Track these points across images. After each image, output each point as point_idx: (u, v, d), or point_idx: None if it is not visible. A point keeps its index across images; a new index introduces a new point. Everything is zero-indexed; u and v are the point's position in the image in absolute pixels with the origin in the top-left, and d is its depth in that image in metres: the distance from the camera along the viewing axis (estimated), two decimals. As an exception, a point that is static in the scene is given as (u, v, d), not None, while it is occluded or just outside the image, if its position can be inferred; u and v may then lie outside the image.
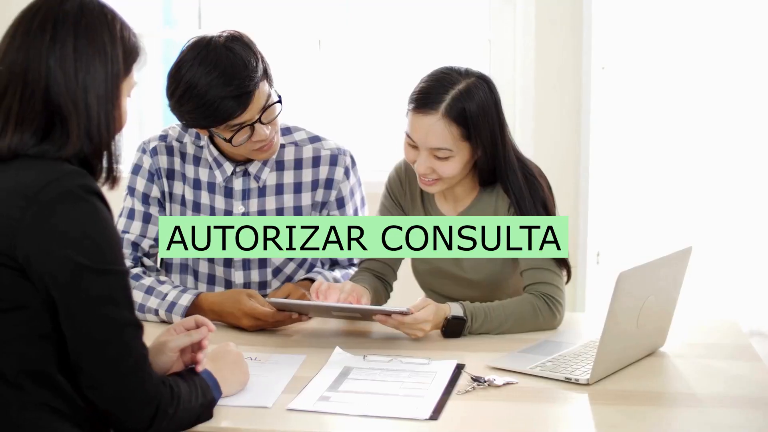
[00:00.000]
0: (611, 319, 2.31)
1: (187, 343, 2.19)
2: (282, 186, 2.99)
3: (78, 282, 1.88)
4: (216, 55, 2.71)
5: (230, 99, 2.69)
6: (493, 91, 2.76)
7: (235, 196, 2.97)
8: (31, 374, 1.90)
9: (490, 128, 2.74)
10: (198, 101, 2.70)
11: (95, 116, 1.97)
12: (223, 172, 2.95)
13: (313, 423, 2.15)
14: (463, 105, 2.70)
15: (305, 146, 3.02)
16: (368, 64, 4.94)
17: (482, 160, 2.79)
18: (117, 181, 2.05)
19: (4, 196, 1.90)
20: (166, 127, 3.03)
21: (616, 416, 2.18)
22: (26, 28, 1.97)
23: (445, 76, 2.74)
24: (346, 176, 3.03)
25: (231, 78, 2.69)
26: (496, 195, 2.87)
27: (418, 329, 2.64)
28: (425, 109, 2.72)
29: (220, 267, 3.01)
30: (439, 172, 2.76)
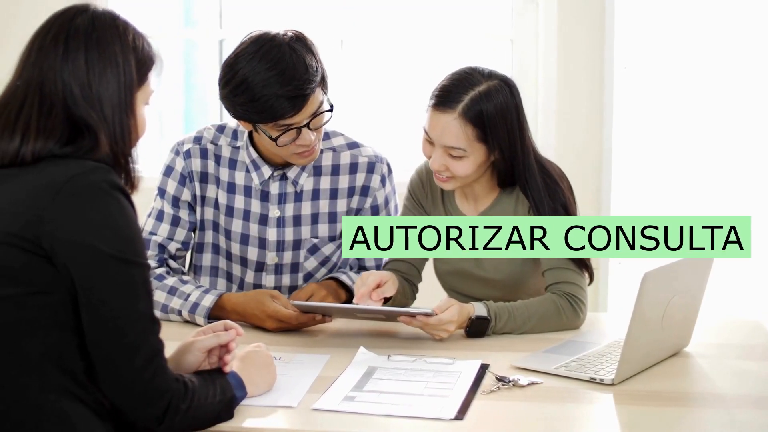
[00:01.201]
0: (636, 319, 2.31)
1: (214, 344, 2.21)
2: (318, 191, 2.99)
3: (99, 270, 1.92)
4: (279, 52, 2.70)
5: (285, 99, 2.69)
6: (514, 95, 2.76)
7: (272, 200, 2.97)
8: (53, 359, 1.93)
9: (508, 132, 2.74)
10: (252, 96, 2.70)
11: (112, 125, 2.01)
12: (260, 174, 2.95)
13: (338, 423, 2.15)
14: (481, 107, 2.71)
15: (343, 152, 3.02)
16: (390, 64, 4.94)
17: (500, 162, 2.79)
18: (136, 187, 2.08)
19: (32, 188, 1.94)
20: (201, 129, 3.02)
21: (642, 417, 2.18)
22: (40, 43, 2.03)
23: (467, 76, 2.75)
24: (382, 184, 3.03)
25: (290, 78, 2.69)
26: (516, 195, 2.87)
27: (443, 330, 2.64)
28: (443, 107, 2.73)
29: (251, 271, 3.02)
30: (453, 170, 2.77)
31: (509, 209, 2.88)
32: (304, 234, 2.99)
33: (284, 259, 3.00)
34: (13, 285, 1.91)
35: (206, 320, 2.81)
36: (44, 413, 1.92)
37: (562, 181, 2.86)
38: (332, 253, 3.04)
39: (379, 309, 2.71)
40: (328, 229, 3.02)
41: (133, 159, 2.07)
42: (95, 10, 2.05)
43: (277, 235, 2.97)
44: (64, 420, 1.93)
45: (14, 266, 1.91)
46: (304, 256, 3.01)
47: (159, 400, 1.97)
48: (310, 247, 3.00)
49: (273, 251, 2.99)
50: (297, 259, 3.01)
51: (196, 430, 2.06)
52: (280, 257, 3.00)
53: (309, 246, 3.00)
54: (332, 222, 3.01)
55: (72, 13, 2.04)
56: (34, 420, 1.92)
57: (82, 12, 2.04)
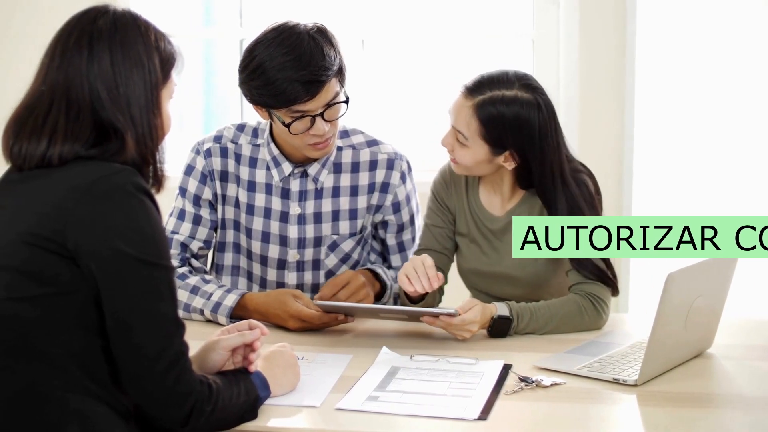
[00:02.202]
0: (660, 320, 2.31)
1: (238, 343, 2.21)
2: (339, 189, 3.00)
3: (123, 272, 1.92)
4: (298, 39, 2.73)
5: (299, 83, 2.70)
6: (540, 114, 2.75)
7: (292, 198, 2.97)
8: (77, 360, 1.94)
9: (523, 144, 2.75)
10: (267, 79, 2.72)
11: (140, 126, 2.02)
12: (280, 171, 2.96)
13: (361, 423, 2.15)
14: (497, 110, 2.72)
15: (362, 150, 3.02)
16: (411, 63, 4.94)
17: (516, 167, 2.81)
18: (163, 186, 2.09)
19: (57, 189, 1.95)
20: (221, 128, 3.03)
21: (665, 418, 2.17)
22: (63, 47, 2.03)
23: (503, 77, 2.76)
24: (402, 181, 3.04)
25: (306, 63, 2.71)
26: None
27: (466, 330, 2.64)
28: (467, 92, 2.77)
29: (273, 270, 3.02)
30: (455, 153, 2.82)
31: (536, 209, 2.89)
32: (325, 231, 3.00)
33: (305, 256, 3.01)
34: (38, 285, 1.92)
35: (228, 320, 2.81)
36: (68, 413, 1.93)
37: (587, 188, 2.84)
38: (352, 250, 3.04)
39: (401, 309, 2.71)
40: (349, 226, 3.02)
41: (161, 158, 2.08)
42: (116, 11, 2.06)
43: (298, 233, 2.98)
44: (87, 420, 1.94)
45: (39, 267, 1.92)
46: (325, 252, 3.02)
47: (183, 403, 1.97)
48: (330, 244, 3.01)
49: (294, 248, 2.99)
50: (318, 255, 3.02)
51: (220, 430, 2.06)
52: (302, 254, 3.00)
53: (329, 243, 3.01)
54: (353, 219, 3.02)
55: (93, 15, 2.04)
56: (57, 420, 1.92)
57: (103, 13, 2.04)
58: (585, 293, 2.79)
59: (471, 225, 2.95)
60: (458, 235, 2.99)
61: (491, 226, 2.93)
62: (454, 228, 2.99)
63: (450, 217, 2.99)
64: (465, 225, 2.96)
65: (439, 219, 2.99)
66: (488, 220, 2.93)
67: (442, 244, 2.99)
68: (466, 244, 2.97)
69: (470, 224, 2.95)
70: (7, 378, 1.92)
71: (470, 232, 2.96)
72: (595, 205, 2.84)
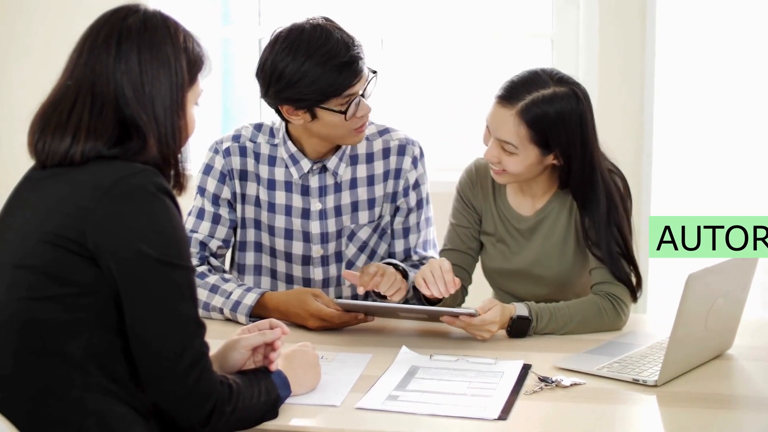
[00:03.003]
0: (680, 321, 2.30)
1: (259, 342, 2.21)
2: (356, 180, 3.01)
3: (144, 273, 1.92)
4: (321, 31, 2.77)
5: (347, 67, 2.76)
6: (581, 104, 2.75)
7: (312, 194, 2.98)
8: (97, 360, 1.94)
9: (567, 139, 2.74)
10: (314, 77, 2.74)
11: (163, 126, 2.02)
12: (299, 169, 2.96)
13: (381, 422, 2.16)
14: (541, 110, 2.70)
15: (375, 140, 3.04)
16: (430, 63, 4.94)
17: (559, 166, 2.80)
18: (184, 188, 2.10)
19: (78, 188, 1.95)
20: (239, 127, 3.04)
21: (685, 419, 2.17)
22: (92, 43, 2.03)
23: (536, 77, 2.76)
24: (413, 165, 3.05)
25: (344, 46, 2.75)
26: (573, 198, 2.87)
27: (486, 330, 2.64)
28: (504, 102, 2.75)
29: (299, 266, 3.03)
30: (504, 164, 2.78)
31: (565, 208, 2.89)
32: (345, 222, 3.01)
33: (329, 250, 3.02)
34: (58, 285, 1.92)
35: (248, 318, 2.82)
36: (87, 413, 1.93)
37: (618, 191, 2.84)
38: (369, 238, 3.05)
39: (421, 309, 2.72)
40: (368, 215, 3.03)
41: (183, 159, 2.08)
42: (146, 11, 2.06)
43: (320, 228, 2.99)
44: (106, 420, 1.94)
45: (59, 266, 1.92)
46: (345, 243, 3.03)
47: (204, 404, 1.97)
48: (349, 234, 3.02)
49: (317, 244, 3.00)
50: (340, 248, 3.03)
51: (240, 430, 2.07)
52: (325, 249, 3.01)
53: (348, 233, 3.02)
54: (371, 208, 3.03)
55: (123, 14, 2.04)
56: (76, 419, 1.92)
57: (134, 12, 2.05)
58: (605, 294, 2.79)
59: (498, 224, 2.95)
60: (484, 235, 2.99)
61: (519, 225, 2.93)
62: (480, 228, 2.99)
63: (476, 216, 2.99)
64: (492, 224, 2.96)
65: (464, 219, 2.99)
66: (516, 220, 2.93)
67: (467, 243, 2.99)
68: (492, 243, 2.97)
69: (497, 224, 2.95)
70: (28, 377, 1.92)
71: (497, 232, 2.96)
72: (626, 208, 2.84)
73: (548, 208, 2.90)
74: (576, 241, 2.88)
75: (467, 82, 4.89)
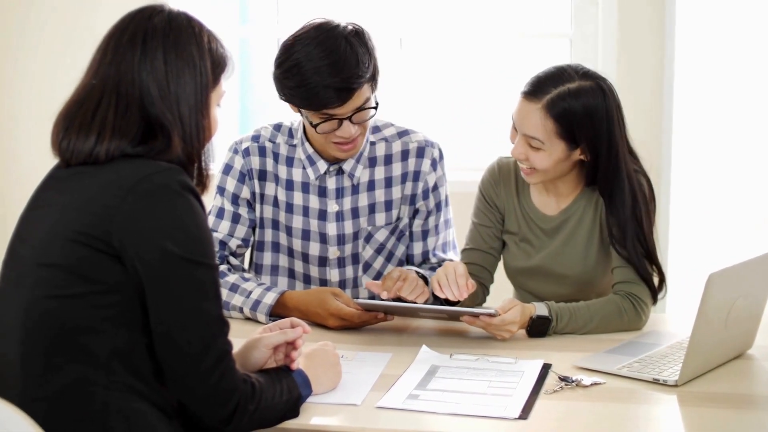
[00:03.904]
0: (700, 321, 2.30)
1: (280, 341, 2.22)
2: (374, 182, 3.01)
3: (168, 270, 1.93)
4: (335, 43, 2.74)
5: (331, 90, 2.72)
6: (607, 99, 2.75)
7: (329, 195, 2.99)
8: (121, 358, 1.94)
9: (594, 134, 2.73)
10: (300, 81, 2.74)
11: (188, 126, 2.03)
12: (316, 170, 2.97)
13: (402, 421, 2.16)
14: (567, 104, 2.70)
15: (394, 141, 3.04)
16: (449, 62, 4.94)
17: (587, 162, 2.80)
18: (207, 187, 2.10)
19: (103, 186, 1.96)
20: (258, 128, 3.05)
21: (706, 418, 2.17)
22: (117, 43, 2.04)
23: (562, 72, 2.75)
24: (432, 168, 3.05)
25: (340, 70, 2.72)
26: (598, 194, 2.87)
27: (506, 330, 2.65)
28: (530, 96, 2.74)
29: (315, 266, 3.03)
30: (531, 160, 2.78)
31: (590, 208, 2.89)
32: (362, 224, 3.02)
33: (345, 251, 3.02)
34: (83, 283, 1.93)
35: (268, 318, 2.83)
36: (111, 411, 1.93)
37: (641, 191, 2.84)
38: (386, 240, 3.06)
39: (441, 309, 2.72)
40: (384, 217, 3.03)
41: (206, 158, 2.09)
42: (171, 11, 2.07)
43: (336, 230, 2.99)
44: (130, 418, 1.94)
45: (84, 264, 1.93)
46: (362, 245, 3.03)
47: (227, 402, 1.98)
48: (366, 236, 3.02)
49: (334, 245, 3.00)
50: (356, 249, 3.04)
51: (262, 428, 2.07)
52: (342, 251, 3.01)
53: (365, 235, 3.02)
54: (388, 210, 3.03)
55: (148, 13, 2.06)
56: (100, 417, 1.93)
57: (159, 12, 2.06)
58: (626, 293, 2.79)
59: (522, 224, 2.95)
60: (507, 234, 2.99)
61: (543, 225, 2.93)
62: (502, 227, 2.99)
63: (498, 216, 2.99)
64: (515, 223, 2.96)
65: (486, 218, 2.99)
66: (540, 220, 2.93)
67: (489, 243, 2.99)
68: (515, 242, 2.97)
69: (521, 223, 2.95)
70: (52, 375, 1.93)
71: (520, 231, 2.96)
72: (649, 210, 2.84)
73: (573, 208, 2.90)
74: (600, 240, 2.88)
75: (486, 82, 4.89)
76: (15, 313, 1.96)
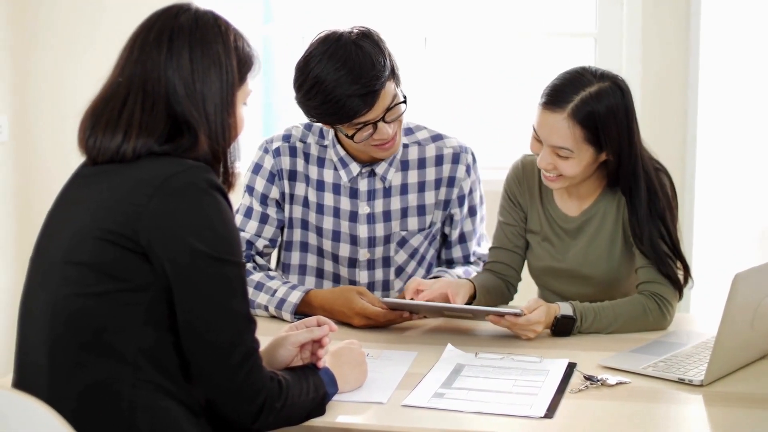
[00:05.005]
0: (726, 321, 2.30)
1: (307, 339, 2.23)
2: (407, 186, 3.01)
3: (195, 268, 1.94)
4: (345, 52, 2.73)
5: (356, 98, 2.72)
6: (625, 97, 2.74)
7: (361, 197, 2.99)
8: (148, 355, 1.95)
9: (617, 134, 2.73)
10: (324, 97, 2.73)
11: (214, 124, 2.03)
12: (348, 172, 2.97)
13: (428, 419, 2.16)
14: (591, 108, 2.70)
15: (428, 145, 3.04)
16: (473, 61, 4.94)
17: (610, 162, 2.79)
18: (233, 185, 2.11)
19: (131, 185, 1.96)
20: (289, 127, 3.05)
21: (732, 419, 2.17)
22: (143, 41, 2.05)
23: (578, 77, 2.74)
24: (467, 174, 3.05)
25: (358, 76, 2.71)
26: (620, 194, 2.87)
27: (531, 330, 2.65)
28: (553, 107, 2.72)
29: (345, 267, 3.04)
30: (560, 169, 2.77)
31: (612, 208, 2.88)
32: (394, 228, 3.02)
33: (376, 254, 3.03)
34: (111, 281, 1.93)
35: (293, 316, 2.84)
36: (138, 409, 1.94)
37: (663, 188, 2.83)
38: (420, 245, 3.06)
39: (466, 308, 2.72)
40: (418, 222, 3.04)
41: (232, 156, 2.10)
42: (197, 9, 2.08)
43: (368, 232, 3.00)
44: (157, 416, 1.95)
45: (112, 262, 1.94)
46: (395, 249, 3.04)
47: (254, 399, 1.99)
48: (399, 240, 3.03)
49: (365, 248, 3.01)
50: (388, 253, 3.04)
51: (288, 426, 2.08)
52: (372, 253, 3.02)
53: (398, 239, 3.02)
54: (421, 215, 3.03)
55: (175, 12, 2.06)
56: (127, 415, 1.93)
57: (185, 11, 2.07)
58: (651, 293, 2.79)
59: (544, 223, 2.95)
60: (530, 233, 2.99)
61: (565, 225, 2.93)
62: (525, 225, 3.00)
63: (522, 214, 2.99)
64: (537, 223, 2.96)
65: (510, 217, 2.99)
66: (562, 220, 2.93)
67: (513, 242, 2.99)
68: (537, 242, 2.97)
69: (543, 222, 2.95)
70: (79, 373, 1.93)
71: (542, 230, 2.96)
72: (672, 207, 2.83)
73: (595, 209, 2.90)
74: (624, 240, 2.88)
75: (509, 81, 4.89)
76: (42, 311, 1.97)
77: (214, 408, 2.02)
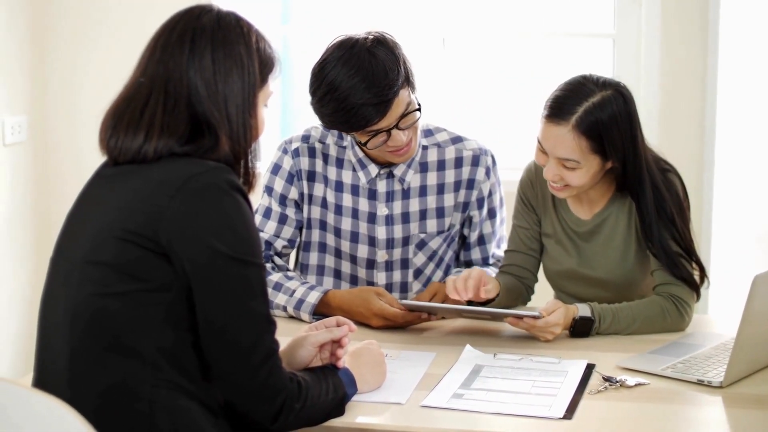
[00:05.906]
0: (746, 322, 2.30)
1: (327, 339, 2.24)
2: (426, 188, 3.01)
3: (216, 269, 1.94)
4: (359, 59, 2.73)
5: (369, 106, 2.71)
6: (627, 104, 2.74)
7: (379, 198, 2.99)
8: (167, 355, 1.95)
9: (621, 141, 2.72)
10: (337, 105, 2.73)
11: (235, 124, 2.04)
12: (367, 173, 2.97)
13: (447, 420, 2.17)
14: (595, 118, 2.69)
15: (447, 147, 3.03)
16: (492, 62, 4.94)
17: (616, 168, 2.79)
18: (253, 186, 2.11)
19: (152, 185, 1.97)
20: (308, 127, 3.05)
21: (752, 420, 2.17)
22: (165, 41, 2.05)
23: (580, 87, 2.73)
24: (487, 176, 3.04)
25: (371, 85, 2.71)
26: (630, 197, 2.86)
27: (549, 332, 2.65)
28: (556, 119, 2.71)
29: (363, 268, 3.04)
30: (567, 180, 2.76)
31: (624, 211, 2.88)
32: (413, 230, 3.01)
33: (394, 255, 3.03)
34: (131, 281, 1.94)
35: (311, 317, 2.84)
36: (158, 409, 1.94)
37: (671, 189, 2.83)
38: (439, 247, 3.06)
39: (485, 310, 2.72)
40: (437, 224, 3.03)
41: (253, 157, 2.10)
42: (220, 11, 2.09)
43: (386, 233, 3.00)
44: (176, 415, 1.95)
45: (132, 263, 1.94)
46: (413, 251, 3.03)
47: (274, 400, 1.99)
48: (418, 243, 3.02)
49: (383, 249, 3.01)
50: (406, 255, 3.04)
51: (308, 426, 2.09)
52: (390, 254, 3.02)
53: (417, 241, 3.02)
54: (440, 217, 3.03)
55: (197, 13, 2.07)
56: (147, 415, 1.94)
57: (207, 11, 2.07)
58: (668, 295, 2.78)
59: (557, 226, 2.95)
60: (544, 236, 2.98)
61: (578, 229, 2.92)
62: (539, 228, 2.99)
63: (535, 217, 2.98)
64: (550, 226, 2.96)
65: (524, 220, 2.99)
66: (575, 223, 2.93)
67: (528, 244, 2.99)
68: (551, 245, 2.96)
69: (556, 225, 2.95)
70: (99, 372, 1.94)
71: (556, 233, 2.95)
72: (683, 207, 2.83)
73: (606, 212, 2.89)
74: (638, 243, 2.87)
75: (527, 81, 4.89)
76: (63, 311, 1.98)
77: (233, 408, 2.02)
